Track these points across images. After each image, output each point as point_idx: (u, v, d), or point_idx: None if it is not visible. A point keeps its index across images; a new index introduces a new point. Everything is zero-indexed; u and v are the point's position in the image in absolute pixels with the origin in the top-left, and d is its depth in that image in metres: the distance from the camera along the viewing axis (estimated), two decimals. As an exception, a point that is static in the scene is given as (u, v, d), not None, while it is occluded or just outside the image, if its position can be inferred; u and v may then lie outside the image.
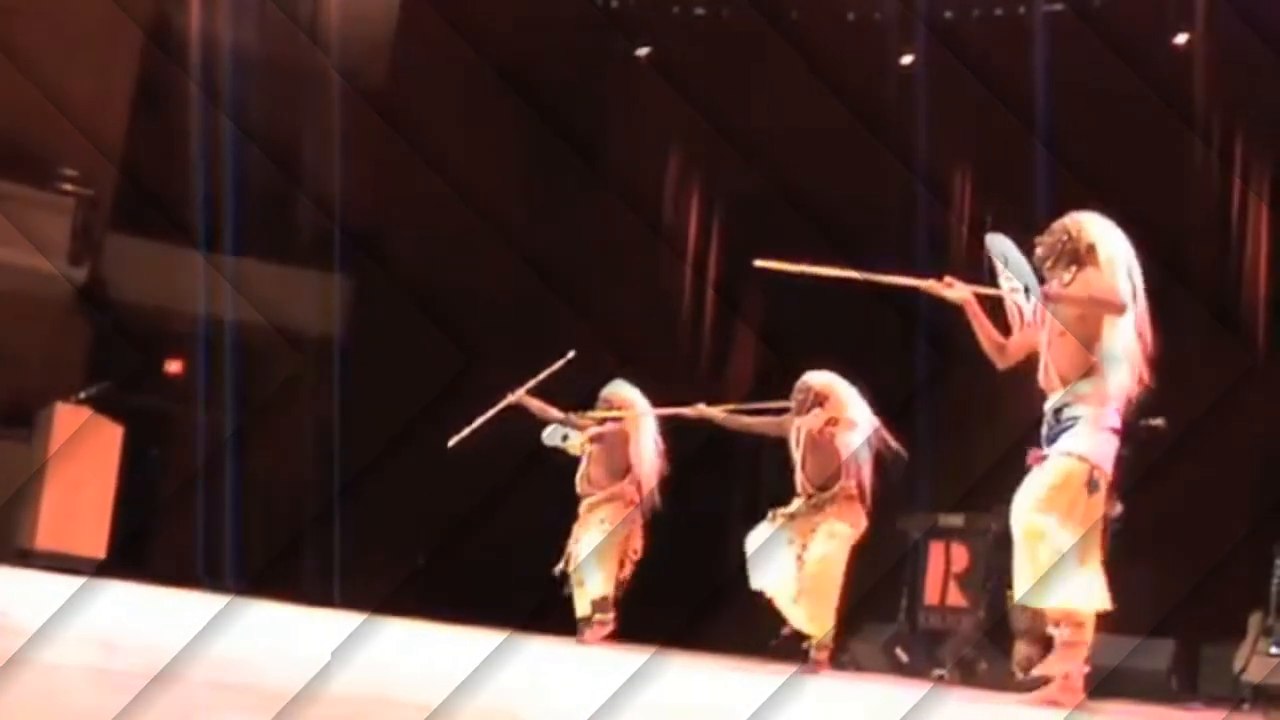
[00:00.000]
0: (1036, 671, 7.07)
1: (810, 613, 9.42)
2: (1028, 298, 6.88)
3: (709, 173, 16.03)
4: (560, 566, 10.75)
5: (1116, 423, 6.86)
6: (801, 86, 14.44)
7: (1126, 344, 6.78)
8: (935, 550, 12.25)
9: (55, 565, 11.59)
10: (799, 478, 9.62)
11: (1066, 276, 6.90)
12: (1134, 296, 6.80)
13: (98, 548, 12.49)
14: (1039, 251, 7.03)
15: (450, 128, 14.99)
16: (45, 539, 12.22)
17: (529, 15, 15.38)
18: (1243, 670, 10.14)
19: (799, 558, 9.41)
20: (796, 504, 9.60)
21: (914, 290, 7.47)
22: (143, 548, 13.99)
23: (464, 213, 14.89)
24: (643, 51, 16.04)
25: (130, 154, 15.12)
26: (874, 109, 14.19)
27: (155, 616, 7.47)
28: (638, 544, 10.69)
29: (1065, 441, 6.76)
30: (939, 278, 7.28)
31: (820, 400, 9.57)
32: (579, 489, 10.86)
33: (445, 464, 11.45)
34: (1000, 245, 7.01)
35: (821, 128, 14.20)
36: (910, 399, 9.53)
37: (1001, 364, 7.18)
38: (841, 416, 9.47)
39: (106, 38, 14.79)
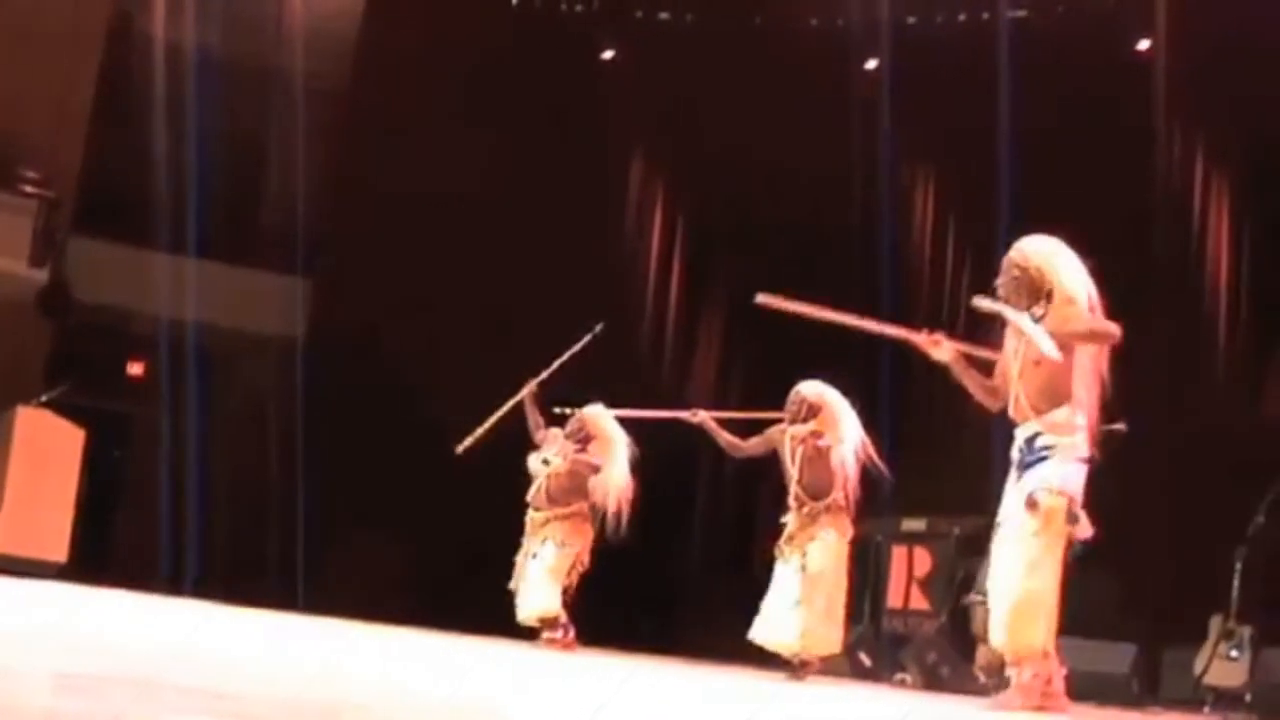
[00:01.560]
0: (1002, 708, 7.06)
1: (808, 623, 9.47)
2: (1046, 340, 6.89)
3: (673, 175, 16.04)
4: (514, 584, 10.81)
5: (1086, 452, 6.97)
6: (765, 91, 14.47)
7: (1089, 374, 6.92)
8: (898, 554, 12.28)
9: (16, 569, 11.52)
10: (793, 489, 9.67)
11: (1039, 311, 6.92)
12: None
13: (59, 551, 12.43)
14: (1000, 294, 7.07)
15: (414, 131, 14.96)
16: (5, 543, 12.15)
17: (493, 18, 15.37)
18: (1203, 673, 10.19)
19: (802, 567, 9.53)
20: (790, 520, 9.67)
21: (905, 342, 7.54)
22: (104, 551, 13.91)
23: (427, 215, 14.87)
24: (607, 55, 16.04)
25: (92, 156, 15.05)
26: (838, 113, 14.22)
27: (116, 620, 7.43)
28: (585, 558, 10.76)
29: (1045, 475, 6.87)
30: (930, 330, 7.35)
31: (814, 411, 9.63)
32: (532, 500, 10.88)
33: (409, 467, 11.46)
34: (993, 305, 7.03)
35: (785, 131, 14.23)
36: (873, 402, 9.53)
37: (996, 406, 7.23)
38: (833, 429, 9.53)
39: (68, 39, 14.71)
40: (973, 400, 7.26)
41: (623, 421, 10.70)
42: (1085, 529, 7.10)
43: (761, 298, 7.83)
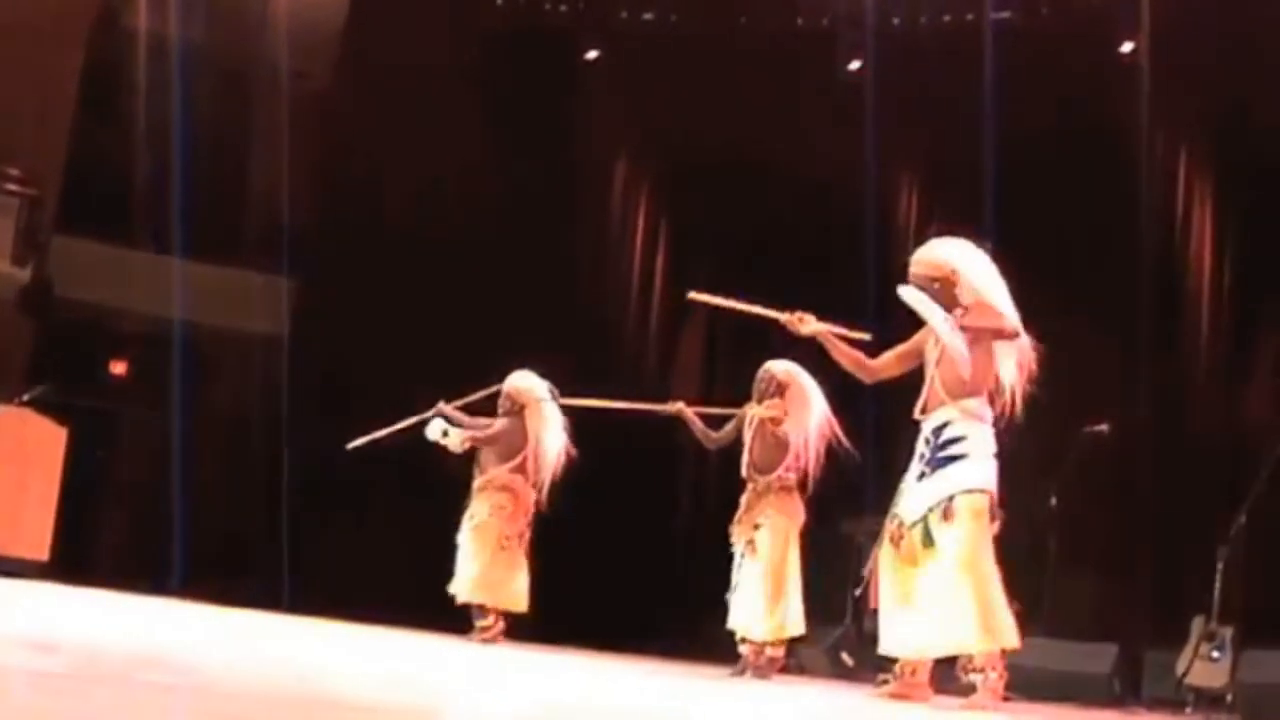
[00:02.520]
0: (968, 711, 7.09)
1: (756, 609, 9.46)
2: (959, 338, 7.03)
3: (657, 176, 16.04)
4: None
5: (995, 446, 7.09)
6: (749, 91, 14.47)
7: (1009, 368, 7.06)
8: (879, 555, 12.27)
9: (-3, 567, 11.50)
10: (745, 462, 9.76)
11: (959, 312, 7.07)
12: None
13: (40, 550, 12.39)
14: (913, 282, 7.20)
15: (399, 129, 14.95)
16: (-12, 541, 12.12)
17: (477, 18, 15.36)
18: (1185, 674, 10.21)
19: (746, 555, 9.52)
20: (744, 497, 9.72)
21: (773, 321, 7.74)
22: (86, 550, 13.87)
23: (413, 214, 14.86)
24: (591, 55, 16.04)
25: (76, 153, 15.01)
26: (822, 113, 14.23)
27: (99, 619, 7.42)
28: (524, 546, 10.77)
29: (966, 476, 6.96)
30: (793, 311, 7.58)
31: (781, 389, 9.66)
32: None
33: (395, 466, 11.44)
34: (912, 296, 7.11)
35: (769, 131, 14.24)
36: (857, 401, 9.53)
37: (869, 379, 7.44)
38: (799, 407, 9.53)
39: (52, 36, 14.68)
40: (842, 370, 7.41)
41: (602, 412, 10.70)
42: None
43: (692, 295, 7.99)
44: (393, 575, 13.25)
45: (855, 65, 14.82)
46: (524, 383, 10.92)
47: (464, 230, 14.84)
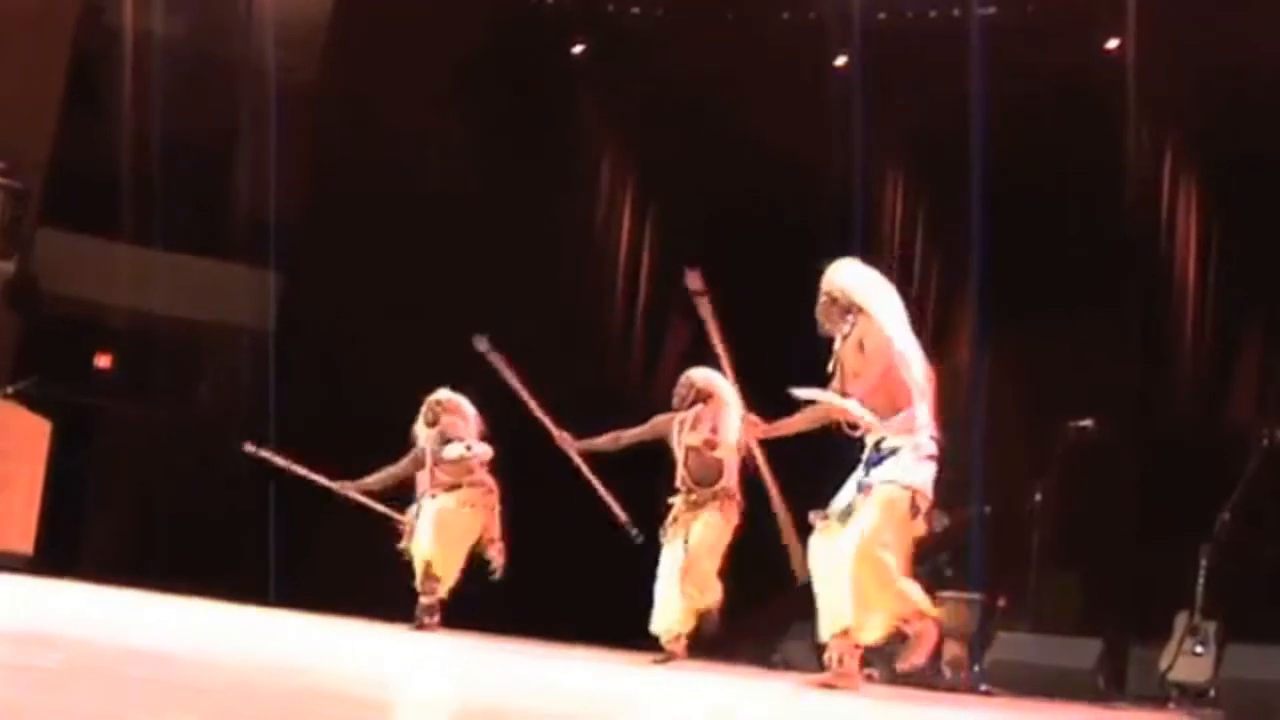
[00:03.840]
0: (901, 665, 7.43)
1: (693, 589, 9.50)
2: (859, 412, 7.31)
3: (644, 169, 16.04)
4: (404, 544, 10.85)
5: (932, 449, 7.23)
6: (736, 85, 14.47)
7: (919, 379, 7.25)
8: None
9: (-18, 561, 11.49)
10: (680, 473, 9.69)
11: (846, 328, 7.40)
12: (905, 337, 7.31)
13: (25, 543, 12.38)
14: (818, 317, 7.54)
15: (385, 123, 14.93)
16: (-29, 535, 12.10)
17: (463, 12, 15.33)
18: (1169, 669, 10.24)
19: (685, 542, 9.52)
20: (676, 503, 9.69)
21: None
22: (71, 543, 13.85)
23: (400, 207, 14.85)
24: (578, 50, 16.03)
25: (61, 147, 14.98)
26: (808, 108, 14.24)
27: (84, 613, 7.41)
28: (494, 532, 10.76)
29: (888, 470, 7.16)
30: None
31: (703, 397, 9.65)
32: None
33: (381, 460, 11.43)
34: (806, 394, 7.42)
35: (755, 126, 14.23)
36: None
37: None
38: (722, 416, 9.50)
39: (37, 28, 14.64)
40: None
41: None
42: (938, 520, 7.37)
43: None
44: (380, 569, 13.25)
45: (841, 60, 14.83)
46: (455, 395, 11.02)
47: (451, 223, 14.82)
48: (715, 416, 9.56)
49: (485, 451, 10.93)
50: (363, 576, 12.00)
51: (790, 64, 14.60)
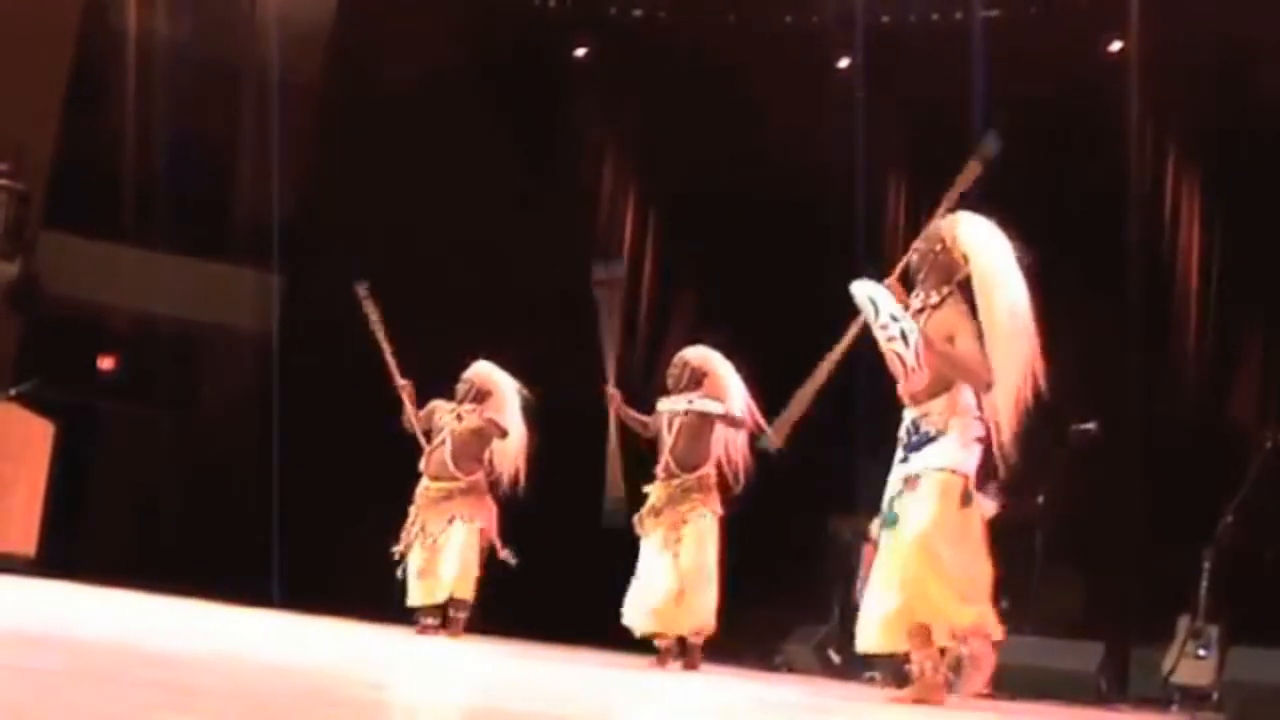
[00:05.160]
0: (963, 692, 6.96)
1: (691, 608, 9.37)
2: (906, 344, 6.63)
3: (646, 172, 16.04)
4: (399, 548, 10.70)
5: (980, 431, 6.74)
6: (739, 88, 14.47)
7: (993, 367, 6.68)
8: (868, 553, 12.28)
9: (-16, 563, 11.49)
10: (664, 458, 9.46)
11: (936, 297, 6.80)
12: (1012, 313, 6.75)
13: (27, 545, 12.38)
14: (914, 259, 6.93)
15: (388, 125, 14.94)
16: (-27, 536, 12.11)
17: (465, 14, 15.34)
18: (1171, 672, 10.24)
19: (675, 554, 9.31)
20: (656, 492, 9.46)
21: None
22: (73, 545, 13.86)
23: (402, 211, 14.85)
24: (580, 53, 16.03)
25: (64, 148, 14.99)
26: (811, 110, 14.24)
27: (86, 615, 7.41)
28: (493, 535, 10.61)
29: (937, 455, 6.65)
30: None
31: (698, 378, 9.47)
32: (430, 469, 10.74)
33: (386, 461, 11.43)
34: (866, 291, 6.75)
35: (757, 130, 14.24)
36: (850, 400, 9.52)
37: (988, 384, 6.82)
38: (719, 396, 9.36)
39: (40, 31, 14.66)
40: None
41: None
42: (987, 508, 6.89)
43: None
44: (384, 572, 13.26)
45: (844, 62, 14.84)
46: (491, 373, 10.75)
47: (454, 226, 14.82)
48: (712, 394, 9.41)
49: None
50: (366, 579, 11.98)
51: (793, 66, 14.60)
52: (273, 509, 13.96)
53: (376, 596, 11.37)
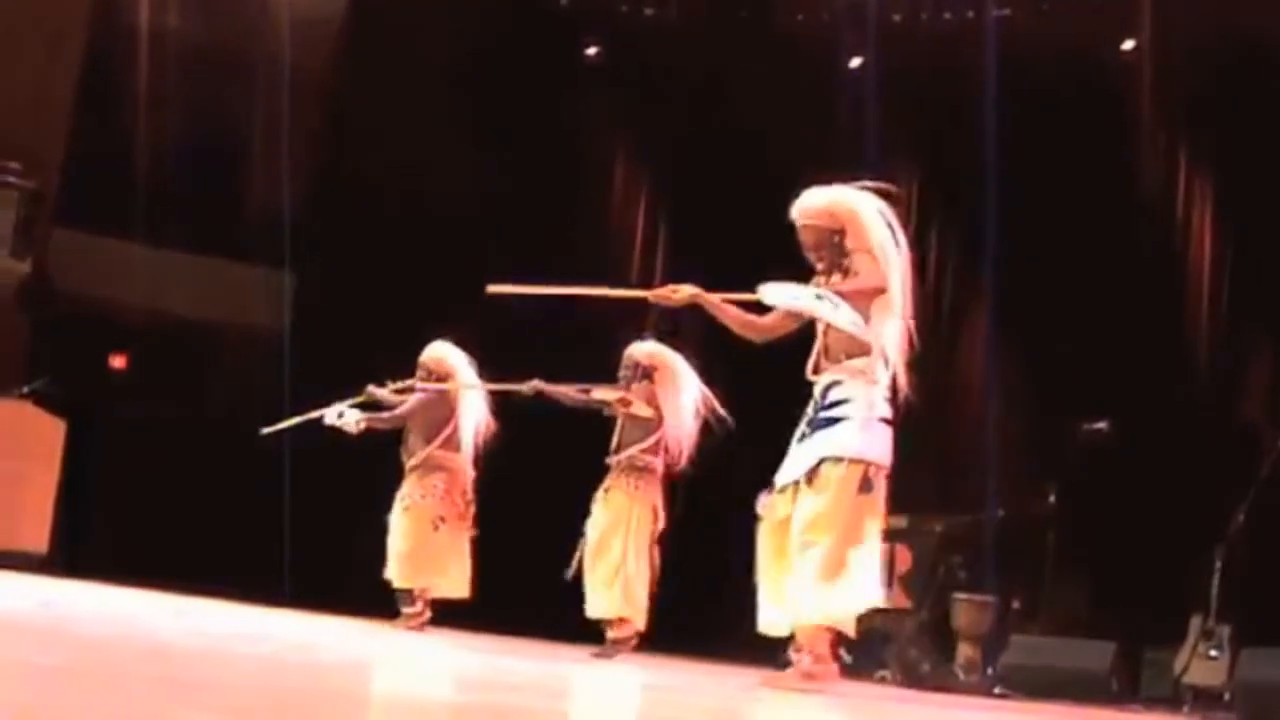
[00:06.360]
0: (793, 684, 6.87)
1: (594, 592, 9.45)
2: (836, 307, 6.83)
3: (657, 170, 16.03)
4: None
5: (887, 411, 6.81)
6: (750, 86, 14.46)
7: (893, 328, 6.83)
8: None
9: (-5, 560, 11.51)
10: (614, 444, 9.68)
11: (840, 262, 6.98)
12: (898, 278, 6.88)
13: (39, 543, 12.40)
14: (805, 238, 7.14)
15: (399, 124, 14.93)
16: (-14, 534, 12.13)
17: (477, 13, 15.34)
18: (1183, 672, 10.22)
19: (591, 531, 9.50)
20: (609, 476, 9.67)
21: (643, 300, 7.58)
22: (84, 543, 13.87)
23: (414, 209, 14.86)
24: (591, 51, 16.03)
25: (75, 146, 14.99)
26: (822, 110, 14.22)
27: (98, 612, 7.42)
28: (468, 524, 10.53)
29: (833, 442, 6.69)
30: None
31: (647, 373, 9.57)
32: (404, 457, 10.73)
33: (396, 458, 11.42)
34: (776, 294, 7.00)
35: (769, 127, 14.22)
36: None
37: (759, 338, 7.17)
38: (669, 389, 9.43)
39: (52, 28, 14.66)
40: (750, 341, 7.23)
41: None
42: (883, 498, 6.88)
43: (492, 288, 7.83)
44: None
45: (856, 61, 14.82)
46: (442, 353, 10.73)
47: (466, 224, 14.83)
48: (660, 388, 9.47)
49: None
50: (376, 576, 11.99)
51: (804, 65, 14.58)
52: (283, 506, 13.96)
53: (386, 594, 11.37)
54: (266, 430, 11.09)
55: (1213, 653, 10.12)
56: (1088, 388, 12.29)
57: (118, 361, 15.83)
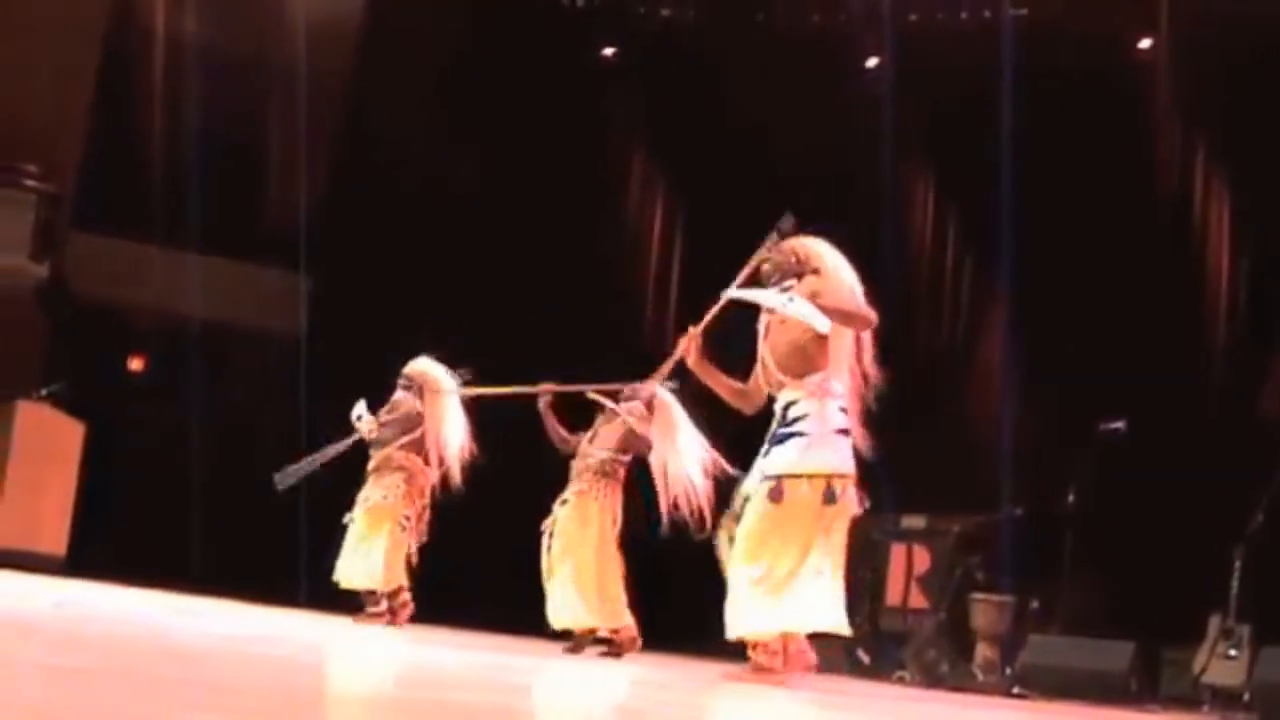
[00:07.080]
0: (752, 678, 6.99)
1: (558, 601, 9.51)
2: (802, 305, 6.94)
3: (674, 172, 16.03)
4: (349, 516, 10.71)
5: (842, 422, 6.92)
6: (767, 87, 14.45)
7: (845, 344, 6.97)
8: (897, 552, 12.28)
9: (15, 562, 11.53)
10: (587, 438, 9.83)
11: (788, 283, 7.11)
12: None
13: (58, 545, 12.43)
14: (766, 268, 7.31)
15: (415, 127, 14.95)
16: (5, 536, 12.16)
17: (492, 16, 15.35)
18: (1202, 672, 10.20)
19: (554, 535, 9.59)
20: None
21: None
22: (103, 545, 13.90)
23: (430, 212, 14.87)
24: (608, 52, 16.03)
25: (93, 150, 15.03)
26: (839, 110, 14.21)
27: (116, 614, 7.43)
28: (422, 527, 10.59)
29: (794, 457, 6.82)
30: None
31: (649, 409, 9.61)
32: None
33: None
34: (740, 293, 7.21)
35: (786, 128, 14.21)
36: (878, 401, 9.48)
37: (751, 408, 7.27)
38: (662, 430, 9.44)
39: (69, 32, 14.70)
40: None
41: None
42: (851, 504, 6.95)
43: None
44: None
45: (873, 61, 14.81)
46: (423, 366, 10.77)
47: (481, 227, 14.84)
48: (656, 427, 9.49)
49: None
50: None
51: (821, 66, 14.58)
52: (300, 509, 13.96)
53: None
54: (283, 484, 11.07)
55: (1232, 652, 10.10)
56: (1105, 387, 12.25)
57: (136, 364, 15.85)
